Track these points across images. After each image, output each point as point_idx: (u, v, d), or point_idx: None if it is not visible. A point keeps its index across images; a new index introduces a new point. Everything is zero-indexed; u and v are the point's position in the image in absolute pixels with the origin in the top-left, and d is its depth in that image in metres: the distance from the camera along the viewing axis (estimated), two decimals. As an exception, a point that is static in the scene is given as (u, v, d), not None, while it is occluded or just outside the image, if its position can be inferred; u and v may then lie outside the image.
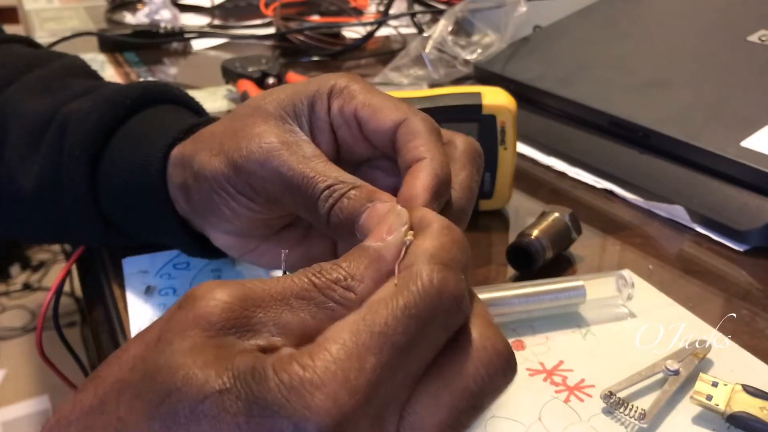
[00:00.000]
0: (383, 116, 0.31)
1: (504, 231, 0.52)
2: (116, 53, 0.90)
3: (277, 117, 0.33)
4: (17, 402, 1.60)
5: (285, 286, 0.22)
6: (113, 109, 0.41)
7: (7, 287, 1.99)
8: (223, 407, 0.19)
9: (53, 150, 0.41)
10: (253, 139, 0.32)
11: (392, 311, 0.21)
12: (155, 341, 0.21)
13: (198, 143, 0.36)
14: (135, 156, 0.39)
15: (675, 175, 0.54)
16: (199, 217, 0.37)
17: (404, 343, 0.21)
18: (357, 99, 0.32)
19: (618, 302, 0.41)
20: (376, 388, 0.20)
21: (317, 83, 0.33)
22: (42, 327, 0.45)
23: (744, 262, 0.47)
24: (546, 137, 0.64)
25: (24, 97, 0.45)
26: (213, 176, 0.33)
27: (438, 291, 0.21)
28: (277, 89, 0.34)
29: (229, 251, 0.38)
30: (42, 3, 1.19)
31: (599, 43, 0.71)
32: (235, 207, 0.34)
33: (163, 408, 0.19)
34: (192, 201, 0.36)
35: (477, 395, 0.22)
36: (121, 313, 0.42)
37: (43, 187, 0.41)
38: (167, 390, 0.19)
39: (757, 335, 0.39)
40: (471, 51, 0.78)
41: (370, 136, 0.33)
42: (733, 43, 0.64)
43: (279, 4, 0.95)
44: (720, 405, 0.32)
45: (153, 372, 0.20)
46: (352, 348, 0.20)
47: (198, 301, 0.21)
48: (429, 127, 0.31)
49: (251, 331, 0.21)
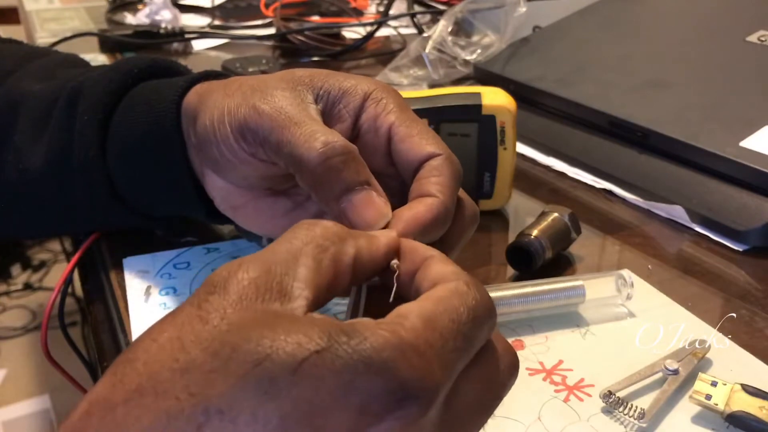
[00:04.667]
0: (420, 144, 0.33)
1: (503, 231, 0.52)
2: (117, 53, 0.91)
3: (302, 90, 0.34)
4: (18, 402, 1.60)
5: (290, 246, 0.23)
6: (121, 76, 0.42)
7: (8, 287, 2.00)
8: (325, 366, 0.18)
9: (62, 123, 0.42)
10: (273, 90, 0.33)
11: (465, 306, 0.23)
12: (204, 322, 0.20)
13: (217, 85, 0.37)
14: (147, 107, 0.40)
15: (674, 175, 0.54)
16: (201, 153, 0.38)
17: (471, 338, 0.23)
18: (395, 114, 0.34)
19: (617, 302, 0.42)
20: (455, 367, 0.22)
21: (355, 80, 0.35)
22: (47, 326, 0.45)
23: (743, 262, 0.47)
24: (545, 137, 0.64)
25: (28, 83, 0.46)
26: (219, 112, 0.34)
27: (487, 296, 0.24)
28: (316, 70, 0.36)
29: (221, 206, 0.39)
30: (43, 3, 1.19)
31: (599, 44, 0.72)
32: (223, 150, 0.35)
33: (253, 377, 0.18)
34: (197, 134, 0.37)
35: (503, 386, 0.25)
36: (121, 313, 0.42)
37: (52, 162, 0.42)
38: (256, 360, 0.19)
39: (756, 335, 0.39)
40: (471, 51, 0.78)
41: (397, 155, 0.34)
42: (733, 43, 0.64)
43: (279, 4, 0.95)
44: (719, 404, 0.32)
45: (227, 347, 0.19)
46: (438, 331, 0.21)
47: (230, 284, 0.21)
48: (455, 173, 0.32)
49: (286, 294, 0.22)
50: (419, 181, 0.32)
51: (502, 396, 0.25)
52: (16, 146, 0.44)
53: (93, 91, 0.42)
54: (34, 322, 1.85)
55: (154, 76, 0.43)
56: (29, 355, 1.74)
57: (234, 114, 0.34)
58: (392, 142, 0.33)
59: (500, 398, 0.25)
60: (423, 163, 0.32)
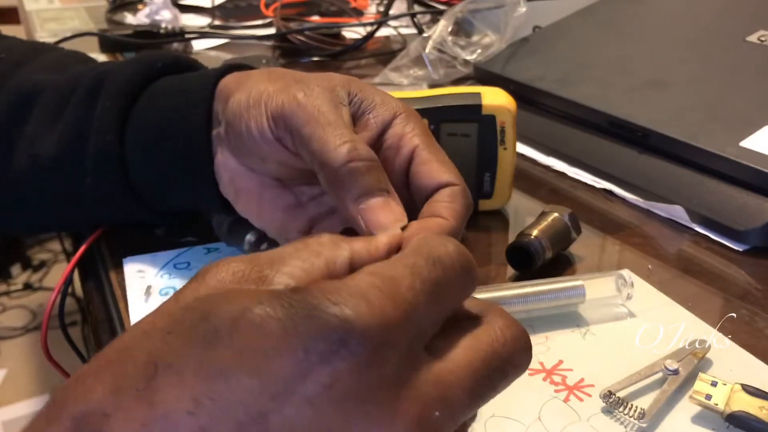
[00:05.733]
0: (439, 170, 0.34)
1: (503, 231, 0.52)
2: (117, 53, 0.91)
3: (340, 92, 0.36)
4: (18, 401, 1.60)
5: (281, 251, 0.24)
6: (146, 68, 0.43)
7: (8, 287, 2.00)
8: (266, 314, 0.19)
9: (79, 111, 0.42)
10: (312, 87, 0.35)
11: (422, 255, 0.22)
12: (177, 301, 0.21)
13: (259, 72, 0.38)
14: (180, 94, 0.40)
15: (674, 175, 0.54)
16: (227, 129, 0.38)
17: (434, 280, 0.22)
18: (420, 138, 0.35)
19: (617, 302, 0.42)
20: (415, 309, 0.21)
21: (387, 97, 0.37)
22: (47, 326, 0.45)
23: (743, 262, 0.47)
24: (545, 137, 0.64)
25: (41, 74, 0.46)
26: (257, 92, 0.36)
27: (457, 247, 0.23)
28: (353, 78, 0.37)
29: (225, 188, 0.40)
30: (43, 3, 1.19)
31: (599, 44, 0.72)
32: (252, 128, 0.36)
33: (199, 331, 0.19)
34: (229, 110, 0.37)
35: (506, 359, 0.23)
36: (121, 313, 0.42)
37: (66, 148, 0.42)
38: (202, 316, 0.19)
39: (756, 335, 0.39)
40: (471, 51, 0.78)
41: (414, 178, 0.35)
42: (733, 43, 0.64)
43: (279, 4, 0.95)
44: (719, 404, 0.32)
45: (183, 311, 0.20)
46: (389, 275, 0.21)
47: (209, 273, 0.22)
48: (467, 206, 0.34)
49: (264, 281, 0.22)
50: (432, 203, 0.33)
51: (509, 372, 0.23)
52: (29, 135, 0.44)
53: (116, 80, 0.42)
54: (34, 322, 1.85)
55: (176, 71, 0.44)
56: (29, 355, 1.74)
57: (273, 97, 0.35)
58: (413, 164, 0.35)
59: (506, 374, 0.23)
60: (439, 189, 0.34)
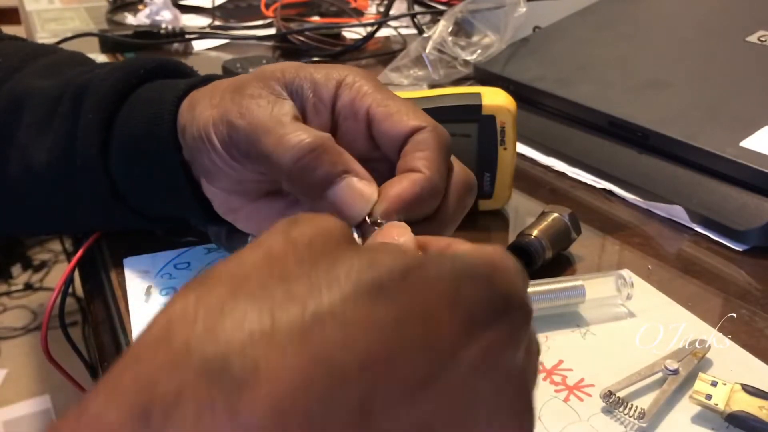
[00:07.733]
0: (401, 120, 0.32)
1: (503, 231, 0.52)
2: (117, 54, 0.91)
3: (275, 86, 0.34)
4: (18, 401, 1.60)
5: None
6: (127, 76, 0.42)
7: (9, 287, 2.00)
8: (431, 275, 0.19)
9: (66, 121, 0.42)
10: (248, 98, 0.33)
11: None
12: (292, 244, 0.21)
13: (203, 94, 0.37)
14: (148, 109, 0.40)
15: (674, 175, 0.54)
16: (194, 163, 0.38)
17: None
18: (371, 96, 0.33)
19: (617, 302, 0.42)
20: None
21: (326, 70, 0.34)
22: (47, 326, 0.45)
23: (743, 262, 0.47)
24: (545, 137, 0.64)
25: (34, 80, 0.46)
26: (204, 124, 0.34)
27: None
28: (287, 64, 0.35)
29: (220, 209, 0.39)
30: (43, 4, 1.19)
31: (598, 44, 0.72)
32: (215, 159, 0.35)
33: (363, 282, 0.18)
34: (188, 145, 0.37)
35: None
36: (122, 313, 0.42)
37: (56, 159, 0.42)
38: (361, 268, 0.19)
39: (756, 335, 0.39)
40: (471, 51, 0.78)
41: (379, 136, 0.33)
42: (733, 43, 0.64)
43: (279, 4, 0.95)
44: (719, 404, 0.32)
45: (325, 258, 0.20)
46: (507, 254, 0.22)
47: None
48: (441, 144, 0.31)
49: None
50: (404, 157, 0.31)
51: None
52: (20, 142, 0.44)
53: (98, 89, 0.42)
54: (35, 322, 1.86)
55: (160, 77, 0.43)
56: (30, 355, 1.74)
57: (218, 129, 0.34)
58: (372, 125, 0.33)
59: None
60: (407, 138, 0.31)
